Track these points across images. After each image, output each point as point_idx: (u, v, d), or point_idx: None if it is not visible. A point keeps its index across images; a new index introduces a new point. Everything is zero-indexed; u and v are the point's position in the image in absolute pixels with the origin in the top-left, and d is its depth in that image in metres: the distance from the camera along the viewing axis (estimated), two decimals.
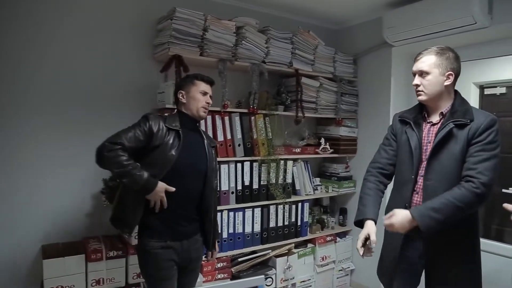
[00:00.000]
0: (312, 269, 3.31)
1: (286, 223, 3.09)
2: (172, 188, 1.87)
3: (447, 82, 1.71)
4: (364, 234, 1.73)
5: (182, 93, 2.02)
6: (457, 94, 1.78)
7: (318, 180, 3.46)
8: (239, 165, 2.81)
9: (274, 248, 3.03)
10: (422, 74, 1.73)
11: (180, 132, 1.92)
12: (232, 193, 2.79)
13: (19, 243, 2.34)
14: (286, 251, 3.08)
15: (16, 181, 2.33)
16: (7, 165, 2.31)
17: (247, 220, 2.88)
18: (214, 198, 2.12)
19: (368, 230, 1.73)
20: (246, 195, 2.86)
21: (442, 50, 1.72)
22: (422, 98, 1.75)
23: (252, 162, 2.87)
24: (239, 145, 2.81)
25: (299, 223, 3.18)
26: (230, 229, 2.81)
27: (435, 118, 1.77)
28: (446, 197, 1.60)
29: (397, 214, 1.65)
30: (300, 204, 3.18)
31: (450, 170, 1.66)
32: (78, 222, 2.52)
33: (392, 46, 3.12)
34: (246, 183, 2.85)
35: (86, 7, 2.50)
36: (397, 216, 1.64)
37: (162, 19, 2.59)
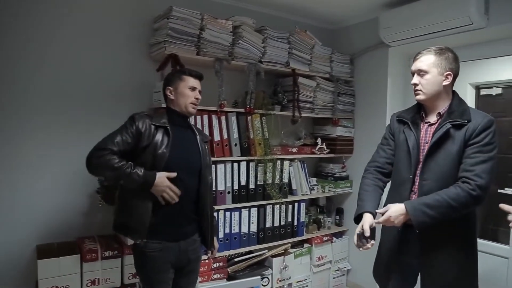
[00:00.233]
0: (308, 269, 3.31)
1: (283, 223, 3.09)
2: (173, 173, 1.83)
3: (446, 82, 1.71)
4: (359, 227, 1.73)
5: (170, 89, 1.97)
6: (455, 94, 1.78)
7: (314, 180, 3.47)
8: (236, 165, 2.80)
9: (270, 248, 3.03)
10: (421, 73, 1.73)
11: (168, 128, 1.88)
12: (228, 193, 2.78)
13: (14, 243, 2.32)
14: (283, 251, 3.08)
15: (11, 180, 2.31)
16: (4, 164, 2.29)
17: (244, 220, 2.88)
18: (210, 194, 2.09)
19: (363, 221, 1.73)
20: (243, 195, 2.85)
21: (441, 50, 1.72)
22: (420, 97, 1.75)
23: (248, 162, 2.86)
24: (236, 144, 2.80)
25: (296, 223, 3.18)
26: (226, 229, 2.80)
27: (433, 118, 1.77)
28: (441, 195, 1.61)
29: (391, 207, 1.68)
30: (296, 204, 3.17)
31: (446, 170, 1.67)
32: (73, 222, 2.50)
33: (388, 46, 3.12)
34: (243, 183, 2.85)
35: (85, 7, 2.48)
36: (391, 208, 1.67)
37: (159, 18, 2.58)
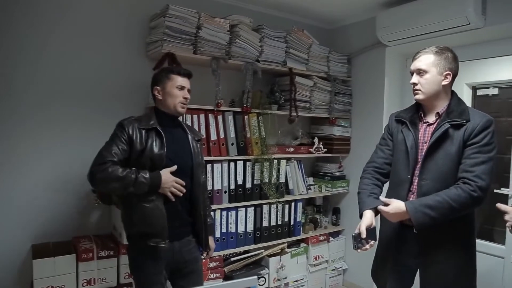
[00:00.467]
0: (305, 268, 3.30)
1: (279, 223, 3.08)
2: (174, 167, 1.82)
3: (445, 82, 1.70)
4: (357, 228, 1.72)
5: (158, 89, 1.91)
6: (453, 94, 1.77)
7: (311, 179, 3.46)
8: (232, 164, 2.79)
9: (267, 247, 3.03)
10: (420, 72, 1.72)
11: (159, 129, 1.84)
12: (225, 192, 2.78)
13: (8, 243, 2.30)
14: (279, 251, 3.08)
15: (6, 179, 2.29)
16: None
17: (240, 219, 2.87)
18: (204, 194, 2.05)
19: (361, 222, 1.72)
20: (239, 195, 2.85)
21: (441, 50, 1.72)
22: (419, 97, 1.75)
23: (245, 161, 2.85)
24: (232, 144, 2.80)
25: (292, 223, 3.18)
26: (223, 228, 2.79)
27: (431, 118, 1.77)
28: (442, 196, 1.60)
29: (392, 202, 1.68)
30: (293, 203, 3.17)
31: (445, 170, 1.67)
32: (69, 221, 2.49)
33: (386, 46, 3.12)
34: (239, 182, 2.84)
35: (81, 5, 2.46)
36: (392, 204, 1.67)
37: (155, 17, 2.57)
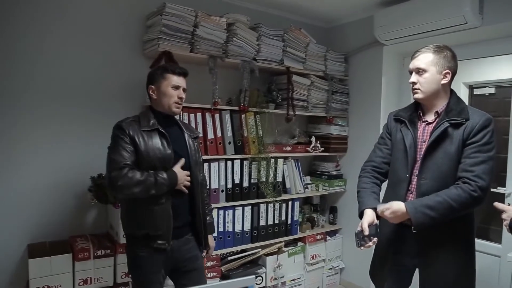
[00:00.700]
0: (302, 267, 3.31)
1: (276, 222, 3.08)
2: (182, 160, 1.85)
3: (444, 81, 1.70)
4: (359, 225, 1.71)
5: (152, 88, 1.87)
6: (452, 93, 1.77)
7: (308, 178, 3.46)
8: (229, 163, 2.79)
9: (264, 246, 3.02)
10: (419, 71, 1.72)
11: (161, 129, 1.83)
12: (222, 191, 2.77)
13: (4, 242, 2.28)
14: (276, 250, 3.08)
15: (3, 178, 2.27)
16: None
17: (237, 218, 2.86)
18: (202, 192, 2.04)
19: (363, 219, 1.71)
20: (236, 193, 2.84)
21: (440, 49, 1.71)
22: (419, 96, 1.74)
23: (242, 160, 2.85)
24: (230, 143, 2.79)
25: (289, 222, 3.18)
26: (220, 227, 2.78)
27: (430, 117, 1.76)
28: (442, 196, 1.60)
29: (392, 204, 1.67)
30: (290, 202, 3.17)
31: (445, 169, 1.66)
32: (65, 220, 2.47)
33: (383, 45, 3.12)
34: (236, 181, 2.83)
35: (78, 4, 2.45)
36: (392, 206, 1.66)
37: (152, 15, 2.55)
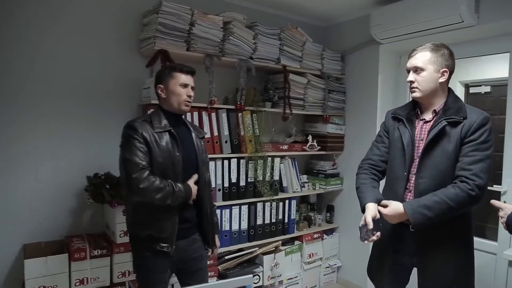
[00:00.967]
0: (299, 266, 3.31)
1: (273, 221, 3.08)
2: (195, 176, 1.88)
3: (442, 79, 1.70)
4: (362, 219, 1.71)
5: (161, 87, 1.89)
6: (450, 91, 1.77)
7: (305, 177, 3.46)
8: (226, 162, 2.78)
9: (261, 245, 3.02)
10: (417, 70, 1.72)
11: (173, 131, 1.84)
12: (219, 190, 2.77)
13: (0, 242, 2.27)
14: (273, 249, 3.08)
15: None
16: None
17: (234, 217, 2.86)
18: (208, 192, 2.06)
19: (366, 213, 1.71)
20: (233, 192, 2.84)
21: (437, 47, 1.71)
22: (417, 95, 1.74)
23: (239, 159, 2.84)
24: (226, 142, 2.78)
25: (286, 221, 3.18)
26: None
27: (428, 115, 1.76)
28: (439, 195, 1.60)
29: (391, 204, 1.68)
30: (287, 201, 3.17)
31: (443, 168, 1.66)
32: (61, 220, 2.46)
33: (379, 43, 3.12)
34: (233, 180, 2.83)
35: (74, 1, 2.43)
36: (391, 206, 1.67)
37: (148, 13, 2.54)
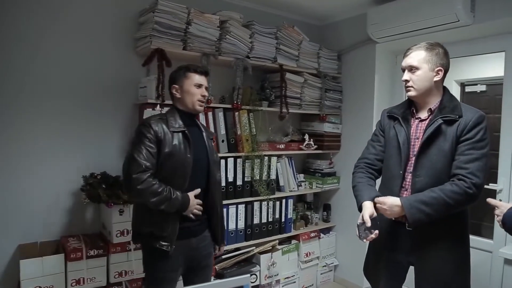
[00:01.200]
0: (296, 265, 3.31)
1: (270, 220, 3.08)
2: (197, 190, 1.87)
3: (437, 78, 1.71)
4: (359, 217, 1.72)
5: (176, 87, 1.92)
6: (445, 90, 1.78)
7: (302, 176, 3.47)
8: (223, 161, 2.77)
9: (258, 244, 3.02)
10: (412, 69, 1.73)
11: (186, 132, 1.86)
12: None
13: None
14: (270, 248, 3.08)
15: None
16: None
17: (231, 216, 2.86)
18: (219, 191, 2.10)
19: (363, 211, 1.72)
20: (230, 192, 2.83)
21: (432, 46, 1.72)
22: (412, 93, 1.75)
23: (236, 158, 2.84)
24: (223, 141, 2.78)
25: (283, 220, 3.18)
26: None
27: (424, 114, 1.77)
28: (437, 192, 1.61)
29: (388, 199, 1.69)
30: (284, 200, 3.17)
31: (439, 166, 1.67)
32: (57, 220, 2.44)
33: (376, 42, 3.12)
34: (230, 180, 2.82)
35: (70, 1, 2.42)
36: (388, 200, 1.68)
37: (144, 12, 2.53)
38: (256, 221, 2.99)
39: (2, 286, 2.27)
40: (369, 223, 1.66)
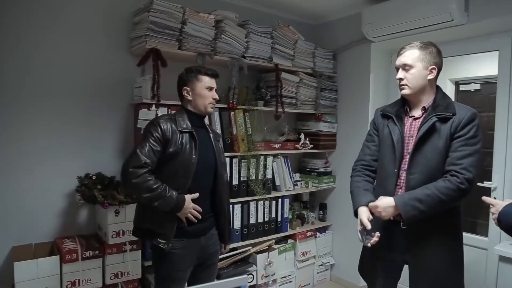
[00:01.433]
0: (292, 264, 3.31)
1: (267, 219, 3.08)
2: (196, 194, 1.87)
3: (430, 76, 1.73)
4: (358, 223, 1.74)
5: (187, 89, 1.94)
6: (438, 89, 1.80)
7: (298, 175, 3.46)
8: None
9: (254, 244, 3.02)
10: (406, 68, 1.74)
11: (194, 133, 1.88)
12: None
13: None
14: (267, 247, 3.07)
15: None
16: None
17: None
18: (226, 191, 2.13)
19: (360, 216, 1.74)
20: None
21: (425, 45, 1.74)
22: (406, 92, 1.76)
23: (231, 158, 2.83)
24: (218, 140, 2.76)
25: (279, 219, 3.18)
26: None
27: (417, 112, 1.79)
28: (430, 188, 1.62)
29: (381, 199, 1.71)
30: (280, 200, 3.17)
31: (434, 163, 1.68)
32: (52, 221, 2.42)
33: (371, 41, 3.13)
34: None
35: (66, 1, 2.40)
36: (382, 200, 1.69)
37: (139, 11, 2.52)
38: (252, 220, 2.99)
39: None
40: (369, 226, 1.68)
